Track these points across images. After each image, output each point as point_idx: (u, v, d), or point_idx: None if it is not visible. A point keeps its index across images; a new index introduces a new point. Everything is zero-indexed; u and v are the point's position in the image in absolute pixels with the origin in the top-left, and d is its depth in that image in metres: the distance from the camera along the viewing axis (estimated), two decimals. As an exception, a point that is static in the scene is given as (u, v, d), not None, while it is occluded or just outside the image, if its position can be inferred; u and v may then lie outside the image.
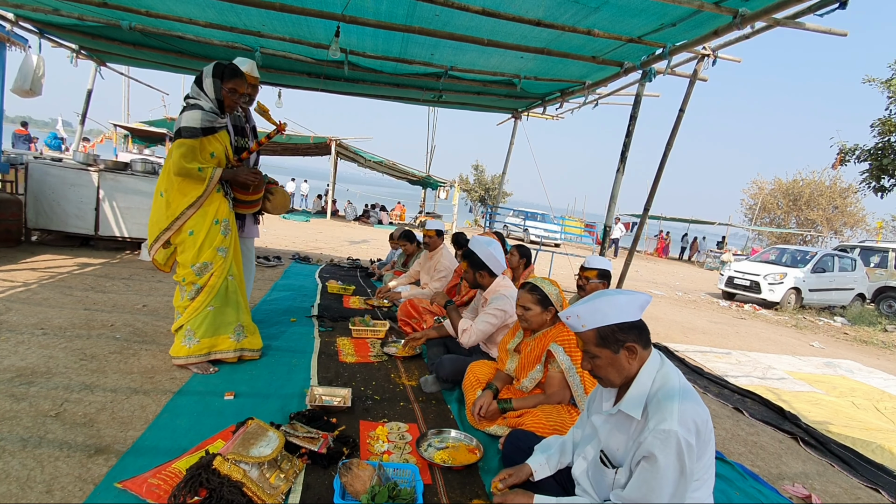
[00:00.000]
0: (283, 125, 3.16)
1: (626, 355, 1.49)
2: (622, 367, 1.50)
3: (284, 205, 3.44)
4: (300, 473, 1.97)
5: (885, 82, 11.01)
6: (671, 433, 1.33)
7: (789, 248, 12.05)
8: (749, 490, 2.43)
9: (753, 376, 4.84)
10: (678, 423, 1.34)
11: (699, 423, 1.37)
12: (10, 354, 2.70)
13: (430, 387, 3.03)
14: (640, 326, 1.50)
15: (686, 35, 3.93)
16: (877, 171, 11.03)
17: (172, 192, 2.75)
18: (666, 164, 4.82)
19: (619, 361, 1.50)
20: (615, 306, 1.49)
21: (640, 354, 1.49)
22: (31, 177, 5.41)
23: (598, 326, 1.49)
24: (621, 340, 1.48)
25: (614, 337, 1.49)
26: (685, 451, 1.33)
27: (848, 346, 7.51)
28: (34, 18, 5.58)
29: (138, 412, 2.30)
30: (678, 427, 1.34)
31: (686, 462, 1.34)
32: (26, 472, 1.78)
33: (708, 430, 1.42)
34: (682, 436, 1.33)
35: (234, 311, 2.94)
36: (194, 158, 2.71)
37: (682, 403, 1.39)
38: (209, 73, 2.78)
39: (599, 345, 1.51)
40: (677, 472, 1.35)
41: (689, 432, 1.34)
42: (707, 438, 1.42)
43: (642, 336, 1.50)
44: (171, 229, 2.76)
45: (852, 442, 3.39)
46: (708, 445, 1.43)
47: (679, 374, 1.50)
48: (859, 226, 25.13)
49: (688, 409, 1.38)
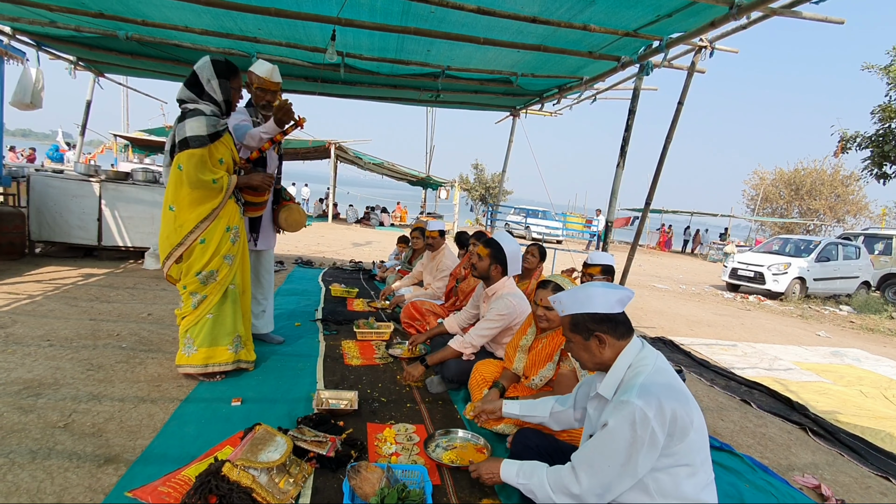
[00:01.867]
0: (303, 119, 3.04)
1: (596, 343, 1.61)
2: (592, 353, 1.63)
3: (299, 222, 3.38)
4: (309, 477, 1.98)
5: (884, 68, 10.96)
6: (627, 403, 1.42)
7: (793, 237, 12.01)
8: (759, 482, 2.42)
9: (760, 368, 4.83)
10: (636, 396, 1.42)
11: (664, 400, 1.41)
12: (18, 367, 2.71)
13: (436, 387, 3.02)
14: (614, 319, 1.60)
15: (682, 27, 3.91)
16: (878, 158, 10.98)
17: (183, 205, 2.64)
18: (666, 157, 4.80)
19: (589, 347, 1.63)
20: (591, 297, 1.61)
21: (610, 344, 1.60)
22: (32, 189, 5.43)
23: (573, 313, 1.64)
24: (591, 329, 1.61)
25: (585, 325, 1.62)
26: (638, 422, 1.39)
27: (854, 335, 7.48)
28: (31, 31, 5.60)
29: (146, 421, 2.31)
30: (635, 399, 1.41)
31: (639, 432, 1.39)
32: (36, 483, 1.79)
33: (684, 410, 1.42)
34: (638, 406, 1.40)
35: (232, 320, 2.86)
36: (207, 168, 2.62)
37: (647, 381, 1.47)
38: (213, 74, 2.67)
39: (572, 330, 1.66)
40: (627, 441, 1.40)
41: (647, 405, 1.40)
42: (684, 419, 1.42)
43: (616, 328, 1.60)
44: (183, 244, 2.66)
45: (861, 431, 3.37)
46: (687, 430, 1.43)
47: (657, 358, 1.57)
48: (862, 213, 25.05)
49: (651, 386, 1.45)
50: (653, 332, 5.90)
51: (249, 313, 3.08)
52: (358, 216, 18.87)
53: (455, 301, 4.25)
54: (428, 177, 18.95)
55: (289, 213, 3.36)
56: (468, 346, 2.97)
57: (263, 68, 3.11)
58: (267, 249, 3.48)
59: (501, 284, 3.07)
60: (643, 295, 9.03)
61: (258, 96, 3.17)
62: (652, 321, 6.62)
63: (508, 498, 1.99)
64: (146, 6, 4.47)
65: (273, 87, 3.16)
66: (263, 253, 3.45)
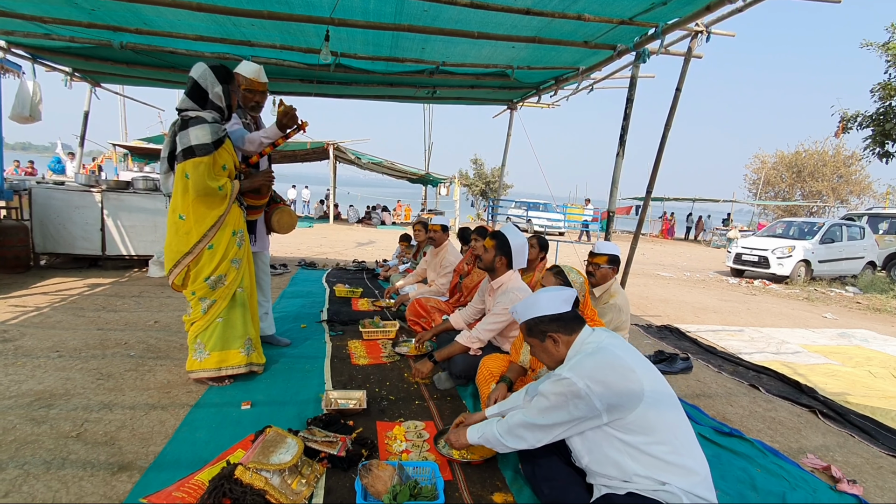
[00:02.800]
0: (305, 123, 3.06)
1: (552, 343, 1.76)
2: (550, 353, 1.79)
3: (291, 223, 3.42)
4: (321, 477, 1.99)
5: (882, 46, 10.85)
6: (559, 376, 1.64)
7: (796, 220, 11.95)
8: (770, 466, 2.42)
9: (767, 352, 4.82)
10: (568, 370, 1.63)
11: (594, 370, 1.58)
12: (28, 378, 2.73)
13: (443, 384, 3.03)
14: (562, 318, 1.76)
15: (678, 12, 3.88)
16: (880, 137, 10.89)
17: (190, 213, 2.64)
18: (666, 144, 4.78)
19: (546, 348, 1.79)
20: (538, 302, 1.79)
21: (563, 341, 1.75)
22: (35, 202, 5.45)
23: (526, 319, 1.80)
24: (544, 331, 1.77)
25: (538, 328, 1.78)
26: (565, 386, 1.60)
27: (861, 316, 7.45)
28: (26, 44, 5.61)
29: (158, 427, 2.33)
30: (567, 373, 1.62)
31: (566, 390, 1.59)
32: (52, 493, 1.81)
33: (623, 380, 1.56)
34: (564, 375, 1.61)
35: (242, 323, 2.88)
36: (213, 175, 2.62)
37: (583, 359, 1.64)
38: (215, 82, 2.66)
39: (528, 334, 1.82)
40: (560, 399, 1.61)
41: (579, 377, 1.58)
42: (625, 387, 1.55)
43: (566, 325, 1.75)
44: (192, 254, 2.66)
45: (871, 411, 3.37)
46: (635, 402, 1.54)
47: (603, 340, 1.70)
48: (866, 193, 24.87)
49: (587, 363, 1.61)
50: (658, 320, 5.89)
51: (258, 316, 3.10)
52: (359, 216, 18.88)
53: (459, 297, 4.26)
54: (427, 174, 18.93)
55: (280, 215, 3.37)
56: (475, 341, 2.97)
57: (250, 69, 3.11)
58: (262, 251, 3.50)
59: (507, 278, 3.07)
60: (647, 283, 9.02)
61: (246, 98, 3.17)
62: (657, 309, 6.61)
63: (520, 491, 2.00)
64: (140, 14, 4.47)
65: (260, 88, 3.17)
66: (259, 255, 3.46)
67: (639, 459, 1.55)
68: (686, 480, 1.52)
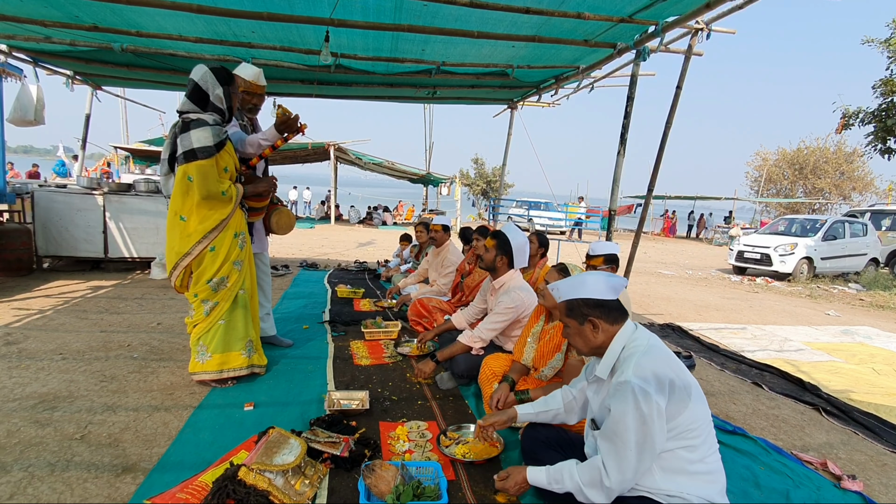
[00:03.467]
0: (304, 125, 3.09)
1: (591, 328, 1.67)
2: (587, 338, 1.69)
3: (289, 224, 3.44)
4: (324, 478, 1.99)
5: (884, 42, 10.81)
6: (625, 383, 1.48)
7: (798, 217, 11.92)
8: (774, 464, 2.42)
9: (770, 349, 4.81)
10: (632, 374, 1.48)
11: (661, 376, 1.47)
12: (32, 381, 2.74)
13: (446, 383, 3.03)
14: (607, 305, 1.66)
15: (678, 10, 3.88)
16: (882, 133, 10.83)
17: (194, 216, 2.64)
18: (667, 142, 4.78)
19: (583, 332, 1.69)
20: (585, 283, 1.69)
21: (604, 328, 1.66)
22: (37, 205, 5.47)
23: (568, 299, 1.71)
24: (585, 314, 1.67)
25: (579, 310, 1.69)
26: (641, 399, 1.44)
27: (864, 312, 7.43)
28: (27, 48, 5.63)
29: (161, 429, 2.33)
30: (631, 377, 1.47)
31: (644, 408, 1.43)
32: (56, 495, 1.81)
33: (682, 386, 1.48)
34: (635, 384, 1.45)
35: (244, 325, 2.88)
36: (216, 178, 2.62)
37: (640, 358, 1.52)
38: (216, 83, 2.66)
39: (567, 315, 1.73)
40: (637, 421, 1.44)
41: (645, 381, 1.45)
42: (684, 393, 1.47)
43: (609, 313, 1.66)
44: (190, 255, 2.66)
45: (875, 409, 3.36)
46: (688, 401, 1.48)
47: (650, 337, 1.63)
48: (868, 189, 24.80)
49: (646, 362, 1.50)
50: (661, 318, 5.88)
51: (258, 318, 3.10)
52: (360, 217, 18.89)
53: (461, 296, 4.26)
54: (428, 174, 18.93)
55: (279, 216, 3.38)
56: (477, 341, 2.97)
57: (250, 72, 3.14)
58: (262, 252, 3.52)
59: (509, 277, 3.07)
60: (650, 282, 9.00)
61: (244, 100, 3.21)
62: (659, 307, 6.60)
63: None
64: (140, 17, 4.48)
65: (259, 91, 3.21)
66: (259, 255, 3.49)
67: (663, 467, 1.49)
68: (705, 489, 1.50)
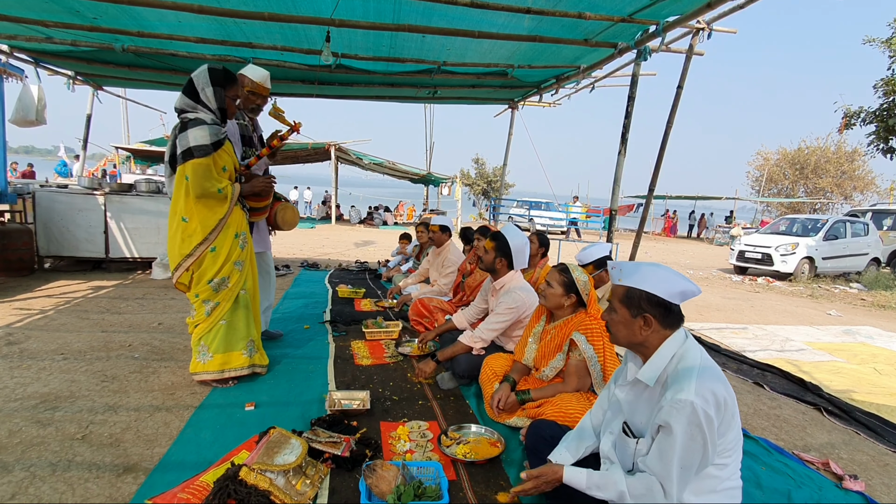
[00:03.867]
0: (298, 124, 3.12)
1: (641, 324, 1.54)
2: (633, 332, 1.56)
3: (294, 220, 3.47)
4: (325, 478, 1.99)
5: (885, 41, 10.80)
6: (687, 403, 1.37)
7: (799, 217, 11.90)
8: (775, 464, 2.41)
9: (772, 349, 4.80)
10: (695, 394, 1.37)
11: (719, 397, 1.39)
12: (34, 381, 2.75)
13: (447, 383, 3.03)
14: (669, 307, 1.52)
15: (678, 9, 3.87)
16: (883, 133, 10.82)
17: (195, 217, 2.65)
18: (668, 142, 4.77)
19: (632, 326, 1.56)
20: (656, 278, 1.53)
21: (655, 329, 1.53)
22: (38, 205, 5.48)
23: (632, 287, 1.55)
24: (643, 308, 1.53)
25: (638, 302, 1.54)
26: (703, 422, 1.36)
27: (866, 312, 7.41)
28: (28, 48, 5.64)
29: (162, 429, 2.33)
30: (695, 397, 1.37)
31: (706, 432, 1.36)
32: (58, 495, 1.81)
33: (731, 406, 1.43)
34: (699, 406, 1.36)
35: (245, 325, 2.88)
36: (213, 177, 2.62)
37: (700, 377, 1.42)
38: (207, 82, 2.66)
39: (623, 302, 1.57)
40: (701, 441, 1.37)
41: (706, 403, 1.37)
42: (731, 414, 1.43)
43: (667, 316, 1.53)
44: (193, 255, 2.67)
45: (877, 409, 3.35)
46: (732, 421, 1.44)
47: (702, 352, 1.52)
48: (869, 189, 24.76)
49: (706, 382, 1.40)
50: (662, 318, 5.87)
51: (260, 318, 3.11)
52: (361, 217, 18.90)
53: (462, 296, 4.26)
54: (429, 174, 18.93)
55: (284, 211, 3.40)
56: (478, 341, 2.97)
57: (258, 73, 3.18)
58: (265, 251, 3.54)
59: (509, 278, 3.07)
60: (650, 282, 8.99)
61: (249, 99, 3.23)
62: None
63: (524, 490, 2.00)
64: (141, 17, 4.49)
65: (264, 93, 3.25)
66: (262, 254, 3.51)
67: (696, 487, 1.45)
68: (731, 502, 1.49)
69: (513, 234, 3.08)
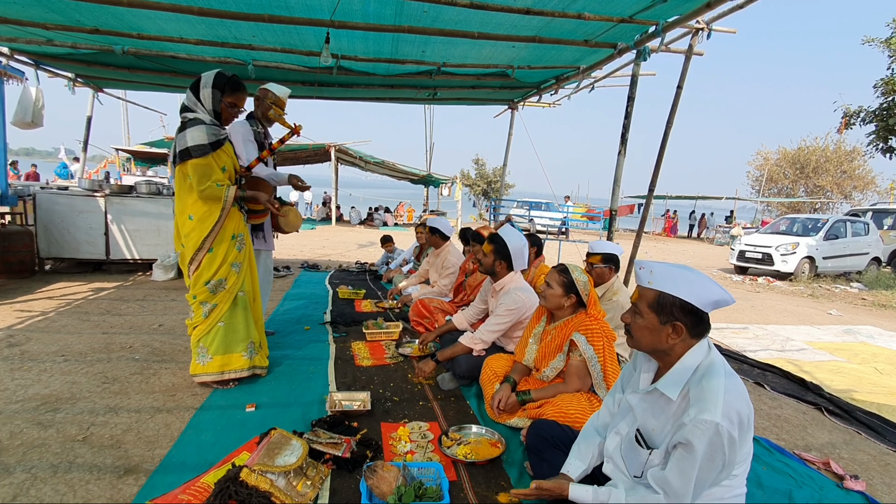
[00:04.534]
0: (299, 127, 3.19)
1: (670, 331, 1.46)
2: (658, 339, 1.48)
3: (297, 224, 3.54)
4: (326, 479, 1.99)
5: (885, 41, 10.80)
6: (712, 424, 1.31)
7: (800, 216, 11.90)
8: (776, 464, 2.41)
9: (772, 349, 4.80)
10: (721, 415, 1.32)
11: (743, 416, 1.36)
12: (35, 383, 2.75)
13: (447, 384, 3.03)
14: (700, 316, 1.45)
15: (678, 10, 3.88)
16: (883, 132, 10.82)
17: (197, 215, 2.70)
18: (668, 142, 4.78)
19: (659, 332, 1.48)
20: (690, 284, 1.45)
21: (683, 338, 1.46)
22: (39, 207, 5.49)
23: (664, 292, 1.46)
24: (674, 316, 1.45)
25: (670, 309, 1.45)
26: (726, 444, 1.32)
27: (867, 312, 7.41)
28: (29, 50, 5.65)
29: (163, 430, 2.34)
30: (721, 419, 1.31)
31: (727, 453, 1.33)
32: (59, 497, 1.81)
33: (751, 420, 1.40)
34: (724, 428, 1.31)
35: (244, 327, 2.88)
36: (211, 176, 2.65)
37: (727, 394, 1.36)
38: (209, 83, 2.68)
39: (653, 308, 1.48)
40: (721, 461, 1.34)
41: (731, 424, 1.32)
42: (749, 427, 1.40)
43: (697, 325, 1.46)
44: (203, 248, 2.71)
45: (878, 408, 3.35)
46: (748, 434, 1.42)
47: (725, 364, 1.46)
48: (869, 188, 24.74)
49: (733, 401, 1.35)
50: (662, 318, 5.87)
51: (262, 320, 3.11)
52: (361, 218, 18.90)
53: (464, 296, 4.26)
54: (429, 174, 18.93)
55: (288, 214, 3.44)
56: (479, 342, 2.97)
57: (283, 91, 3.44)
58: (269, 250, 3.62)
59: (509, 279, 3.07)
60: (651, 282, 8.99)
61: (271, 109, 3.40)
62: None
63: (525, 491, 2.00)
64: (141, 20, 4.49)
65: (284, 106, 3.46)
66: (266, 253, 3.60)
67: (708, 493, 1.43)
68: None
69: (511, 235, 3.07)
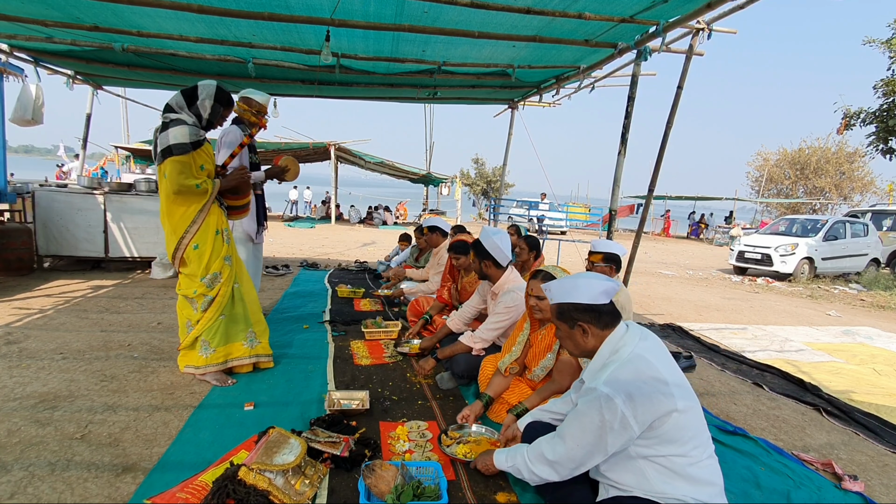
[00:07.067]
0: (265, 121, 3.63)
1: (580, 333, 1.67)
2: (576, 342, 1.70)
3: (296, 170, 3.83)
4: (324, 478, 1.99)
5: (885, 42, 10.80)
6: (594, 390, 1.52)
7: (799, 217, 11.90)
8: (774, 465, 2.41)
9: (771, 350, 4.80)
10: (603, 383, 1.51)
11: (634, 385, 1.48)
12: (33, 381, 2.74)
13: (446, 384, 3.03)
14: (598, 309, 1.65)
15: (679, 10, 3.87)
16: (883, 134, 10.82)
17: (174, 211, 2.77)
18: (668, 142, 4.77)
19: (573, 336, 1.70)
20: (577, 287, 1.67)
21: (594, 333, 1.66)
22: (38, 205, 5.48)
23: (559, 302, 1.70)
24: (575, 318, 1.67)
25: (569, 314, 1.68)
26: (605, 407, 1.47)
27: (865, 313, 7.42)
28: (28, 47, 5.63)
29: (161, 428, 2.33)
30: (601, 385, 1.50)
31: (607, 417, 1.47)
32: (57, 495, 1.81)
33: (658, 398, 1.47)
34: (602, 392, 1.49)
35: (244, 317, 2.98)
36: (190, 174, 2.72)
37: (618, 368, 1.53)
38: (211, 96, 2.81)
39: (557, 317, 1.73)
40: (596, 425, 1.49)
41: (614, 391, 1.47)
42: (659, 407, 1.47)
43: (599, 318, 1.65)
44: (186, 237, 2.77)
45: (876, 409, 3.35)
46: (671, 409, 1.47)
47: (638, 343, 1.59)
48: (868, 189, 24.76)
49: (622, 372, 1.51)
50: (661, 318, 5.88)
51: (260, 312, 3.15)
52: (361, 216, 18.89)
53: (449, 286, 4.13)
54: (429, 174, 18.92)
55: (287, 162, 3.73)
56: (479, 342, 2.98)
57: (264, 98, 3.66)
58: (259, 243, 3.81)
59: (505, 279, 3.06)
60: (650, 282, 9.00)
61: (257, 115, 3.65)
62: (660, 307, 6.60)
63: (523, 491, 2.00)
64: (141, 17, 4.48)
65: (266, 112, 3.71)
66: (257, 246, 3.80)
67: (658, 470, 1.51)
68: (702, 491, 1.51)
69: (485, 234, 3.08)
